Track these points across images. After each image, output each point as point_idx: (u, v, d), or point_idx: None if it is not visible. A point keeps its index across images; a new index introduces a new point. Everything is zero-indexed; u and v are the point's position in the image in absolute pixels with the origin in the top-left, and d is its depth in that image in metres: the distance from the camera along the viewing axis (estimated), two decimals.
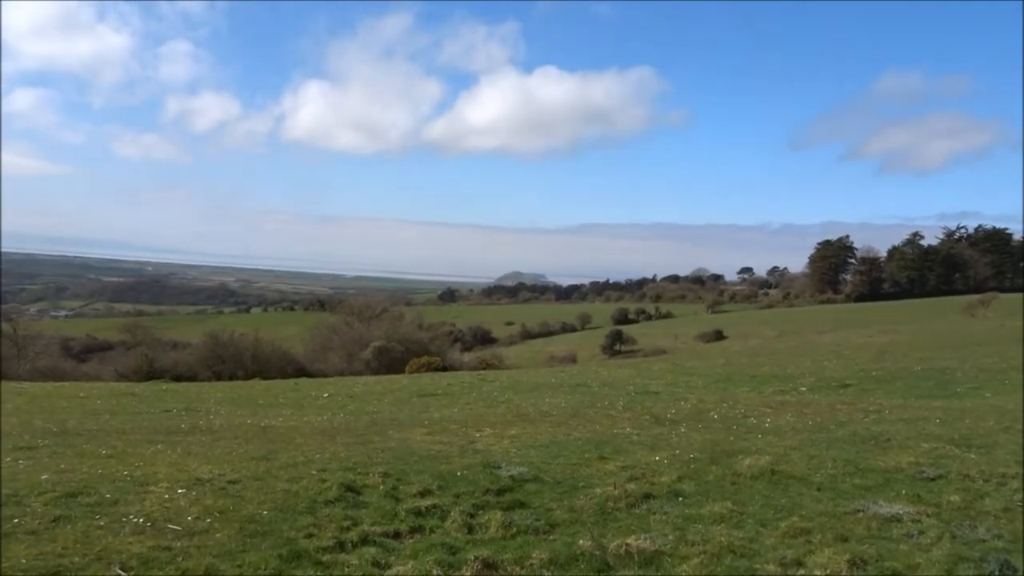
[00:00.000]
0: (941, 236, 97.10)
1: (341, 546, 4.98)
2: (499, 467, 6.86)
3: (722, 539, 5.02)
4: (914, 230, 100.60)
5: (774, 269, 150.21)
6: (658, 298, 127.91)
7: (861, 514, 5.53)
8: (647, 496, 5.99)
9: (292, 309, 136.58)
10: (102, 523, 5.18)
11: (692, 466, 6.93)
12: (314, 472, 6.62)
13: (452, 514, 5.57)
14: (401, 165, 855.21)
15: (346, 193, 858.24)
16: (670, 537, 5.10)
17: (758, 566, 4.64)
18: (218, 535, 5.05)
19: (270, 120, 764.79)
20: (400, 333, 37.33)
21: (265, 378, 26.54)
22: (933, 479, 6.38)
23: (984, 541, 5.04)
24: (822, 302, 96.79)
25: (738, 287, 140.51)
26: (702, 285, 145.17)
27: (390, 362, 32.88)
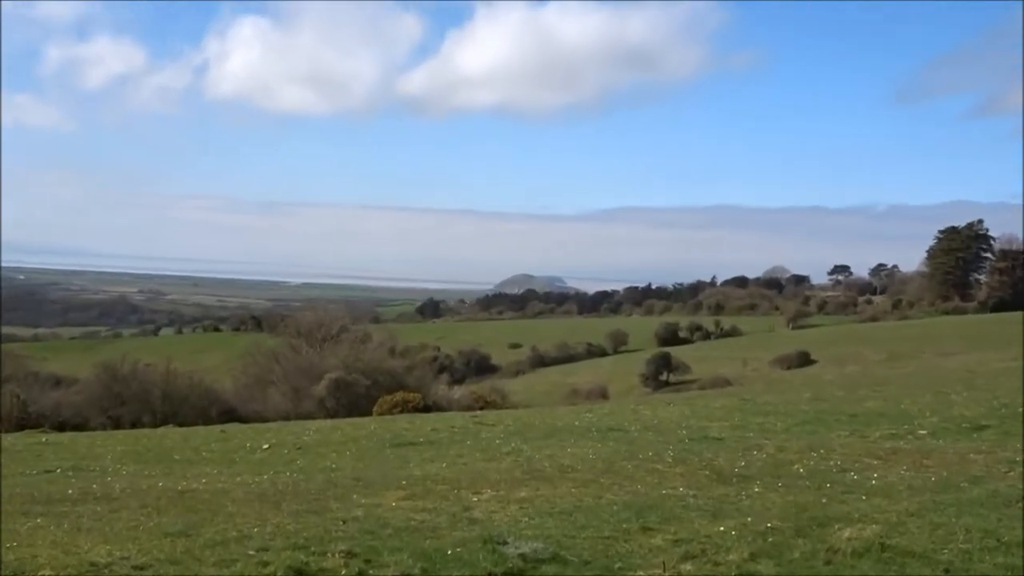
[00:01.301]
0: None
1: None
2: (504, 543, 6.86)
3: None
4: None
5: (879, 267, 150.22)
6: (719, 309, 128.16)
7: None
8: None
9: (217, 329, 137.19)
10: None
11: (770, 539, 6.91)
12: (251, 552, 6.63)
13: None
14: (368, 130, 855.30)
15: (292, 169, 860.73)
16: None
17: None
18: None
19: (188, 72, 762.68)
20: (365, 360, 37.39)
21: (181, 424, 26.59)
22: None
23: None
24: (946, 312, 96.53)
25: (830, 293, 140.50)
26: (780, 290, 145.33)
27: (352, 400, 32.91)
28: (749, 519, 7.61)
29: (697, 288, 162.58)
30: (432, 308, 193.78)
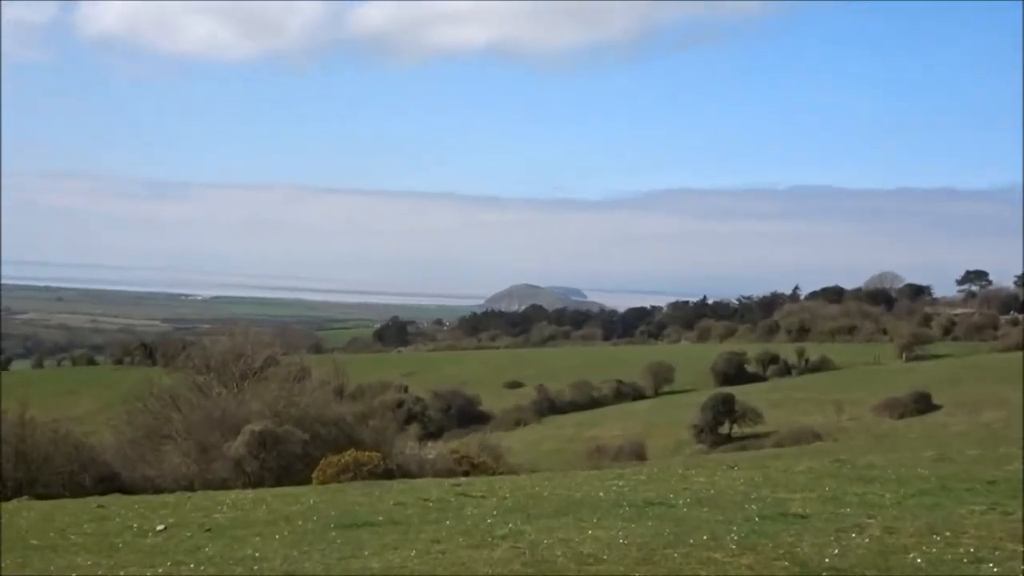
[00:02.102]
0: None
1: None
2: None
3: None
4: None
5: None
6: (803, 332, 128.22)
7: None
8: None
9: (92, 362, 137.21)
10: None
11: None
12: None
13: None
14: (308, 82, 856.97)
15: (200, 136, 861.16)
16: None
17: None
18: None
19: (53, 5, 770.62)
20: (302, 406, 37.35)
21: (42, 496, 26.46)
22: None
23: None
24: None
25: (960, 310, 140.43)
26: (889, 306, 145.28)
27: (283, 462, 32.87)
28: None
29: (772, 303, 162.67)
30: (397, 332, 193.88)
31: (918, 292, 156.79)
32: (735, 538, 11.88)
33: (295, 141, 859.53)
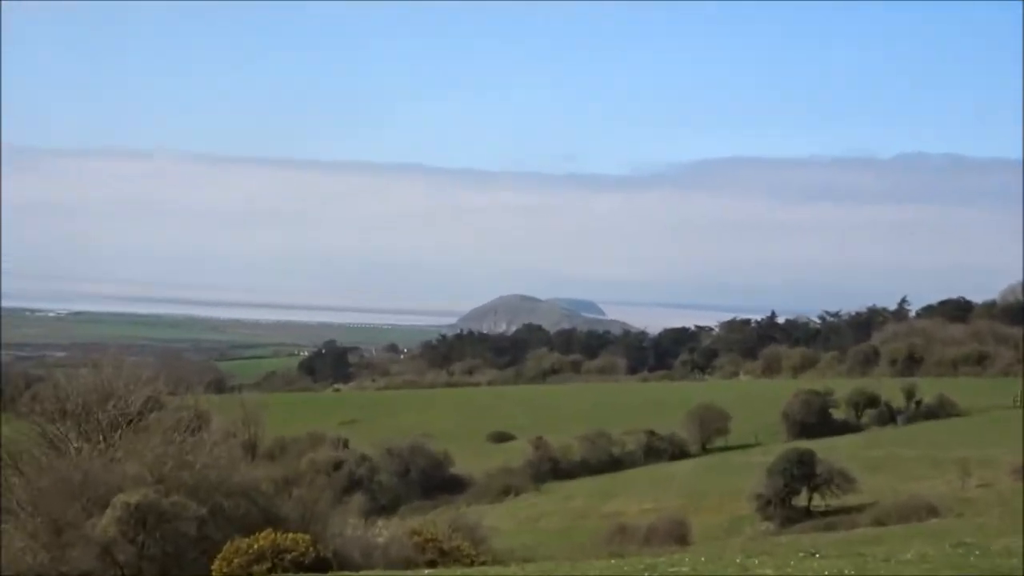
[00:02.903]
0: None
1: None
2: None
3: None
4: None
5: None
6: (914, 363, 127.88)
7: None
8: None
9: None
10: None
11: None
12: None
13: None
14: (203, 8, 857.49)
15: (53, 89, 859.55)
16: None
17: None
18: None
19: None
20: (198, 468, 37.30)
21: None
22: None
23: None
24: None
25: None
26: None
27: (171, 547, 32.85)
28: None
29: (869, 322, 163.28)
30: (334, 362, 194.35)
31: None
32: None
33: (186, 91, 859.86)
